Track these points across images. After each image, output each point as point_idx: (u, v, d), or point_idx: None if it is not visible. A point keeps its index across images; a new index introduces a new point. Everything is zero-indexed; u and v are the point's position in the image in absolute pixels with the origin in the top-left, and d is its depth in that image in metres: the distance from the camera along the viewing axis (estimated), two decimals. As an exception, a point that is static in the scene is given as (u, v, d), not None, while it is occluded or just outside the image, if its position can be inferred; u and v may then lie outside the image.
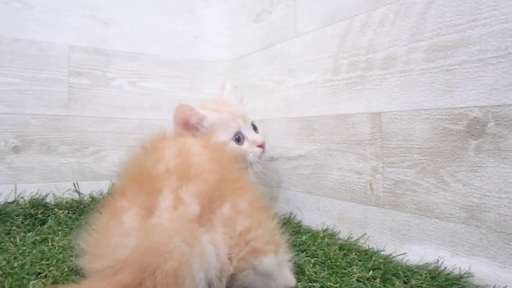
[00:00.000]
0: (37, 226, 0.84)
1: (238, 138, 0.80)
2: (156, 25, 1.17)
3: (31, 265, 0.60)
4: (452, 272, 0.59)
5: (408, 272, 0.60)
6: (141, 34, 1.15)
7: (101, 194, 1.06)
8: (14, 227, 0.80)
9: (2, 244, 0.70)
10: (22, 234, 0.77)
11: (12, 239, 0.73)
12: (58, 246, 0.71)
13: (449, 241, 0.62)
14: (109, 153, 1.09)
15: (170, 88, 1.19)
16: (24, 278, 0.55)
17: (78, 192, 1.04)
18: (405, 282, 0.57)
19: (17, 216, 0.87)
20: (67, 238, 0.76)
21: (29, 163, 0.99)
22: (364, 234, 0.77)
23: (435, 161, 0.64)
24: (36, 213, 0.89)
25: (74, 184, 1.04)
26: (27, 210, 0.89)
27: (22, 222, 0.84)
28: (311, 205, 0.90)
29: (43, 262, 0.62)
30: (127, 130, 1.12)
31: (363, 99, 0.77)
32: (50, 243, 0.72)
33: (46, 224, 0.84)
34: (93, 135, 1.07)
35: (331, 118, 0.85)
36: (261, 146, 0.82)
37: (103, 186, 1.08)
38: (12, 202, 0.94)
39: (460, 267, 0.59)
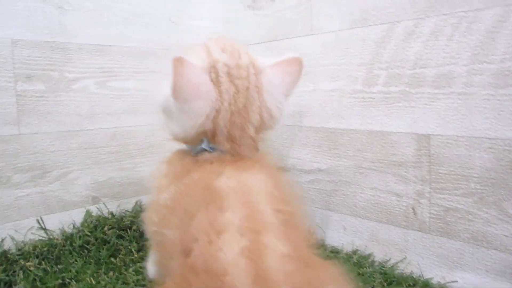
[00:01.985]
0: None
1: None
2: (126, 9, 0.99)
3: None
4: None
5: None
6: (108, 21, 0.96)
7: (74, 227, 0.92)
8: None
9: None
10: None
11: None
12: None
13: (510, 273, 0.66)
14: (78, 174, 0.93)
15: (146, 86, 1.04)
16: None
17: (45, 230, 0.88)
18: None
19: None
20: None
21: (-27, 200, 0.80)
22: (404, 258, 0.78)
23: (497, 193, 0.65)
24: (-5, 272, 0.74)
25: (37, 220, 0.88)
26: (-20, 271, 0.73)
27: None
28: (335, 223, 0.89)
29: None
30: (98, 143, 0.96)
31: (407, 118, 0.74)
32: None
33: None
34: (55, 155, 0.90)
35: (363, 133, 0.81)
36: None
37: (76, 216, 0.93)
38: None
39: (524, 301, 0.64)
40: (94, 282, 0.73)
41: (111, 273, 0.76)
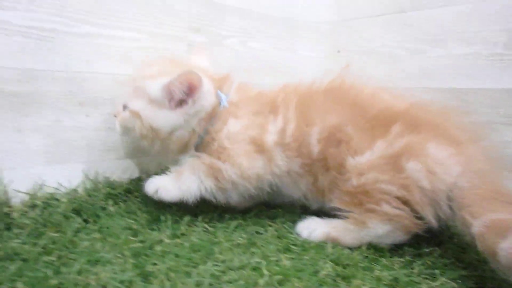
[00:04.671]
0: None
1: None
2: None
3: None
4: None
5: None
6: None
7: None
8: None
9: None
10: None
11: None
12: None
13: None
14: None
15: (270, 48, 1.18)
16: None
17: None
18: None
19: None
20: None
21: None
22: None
23: None
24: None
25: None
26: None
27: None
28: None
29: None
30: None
31: (547, 75, 0.90)
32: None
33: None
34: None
35: (496, 91, 0.96)
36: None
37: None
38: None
39: None
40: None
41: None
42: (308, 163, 0.71)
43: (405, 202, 0.62)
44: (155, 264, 0.55)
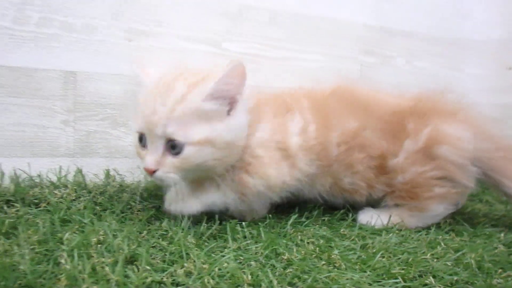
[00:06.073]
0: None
1: (142, 139, 0.65)
2: (424, 1, 1.26)
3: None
4: None
5: None
6: (414, 11, 1.24)
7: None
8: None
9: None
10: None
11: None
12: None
13: None
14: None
15: (435, 67, 1.28)
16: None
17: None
18: None
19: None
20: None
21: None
22: None
23: None
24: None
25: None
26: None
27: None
28: None
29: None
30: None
31: None
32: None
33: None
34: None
35: None
36: (146, 170, 0.62)
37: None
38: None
39: None
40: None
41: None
42: (326, 165, 0.74)
43: (446, 178, 0.73)
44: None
